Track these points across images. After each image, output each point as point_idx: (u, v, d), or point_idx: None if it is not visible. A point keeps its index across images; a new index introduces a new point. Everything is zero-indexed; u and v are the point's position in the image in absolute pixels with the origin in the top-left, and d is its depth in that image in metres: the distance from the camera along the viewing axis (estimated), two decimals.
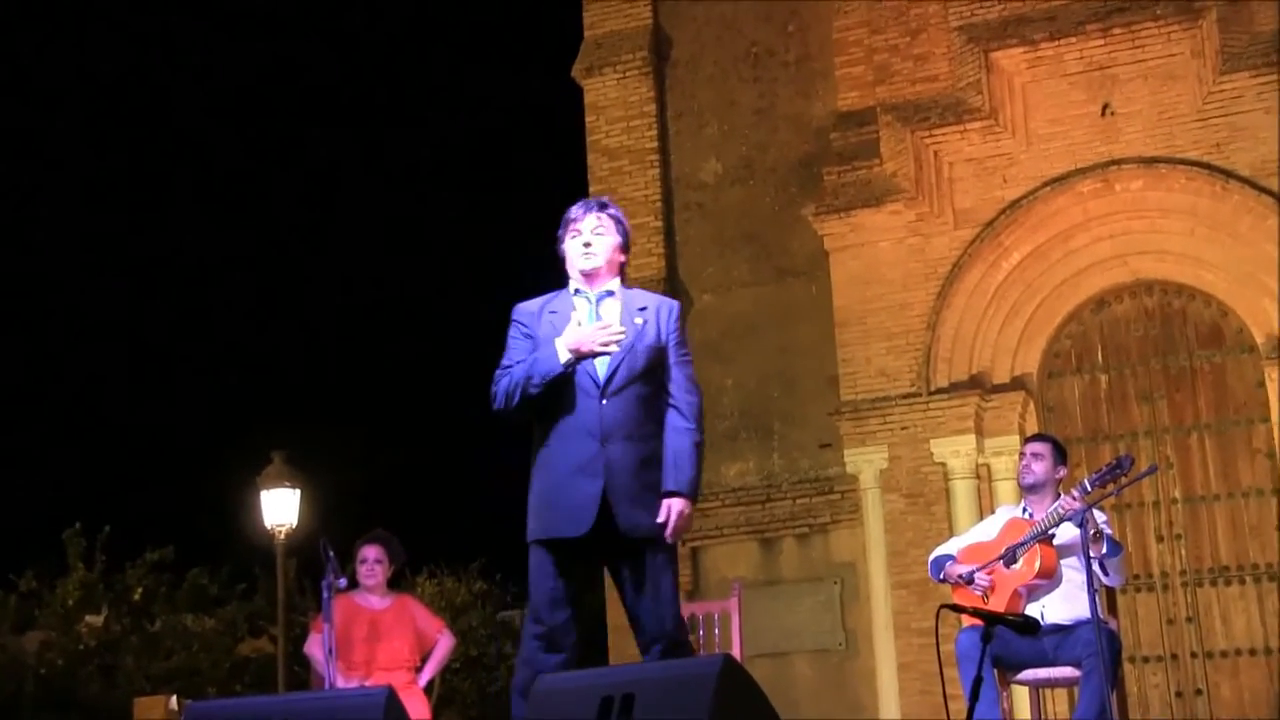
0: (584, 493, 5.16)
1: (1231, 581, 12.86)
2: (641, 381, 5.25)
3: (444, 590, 25.04)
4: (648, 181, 15.02)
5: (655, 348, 5.31)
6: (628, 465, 5.17)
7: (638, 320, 5.32)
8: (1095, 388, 13.45)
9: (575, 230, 5.43)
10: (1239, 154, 12.57)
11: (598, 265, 5.41)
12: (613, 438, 5.17)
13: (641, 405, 5.24)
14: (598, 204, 5.53)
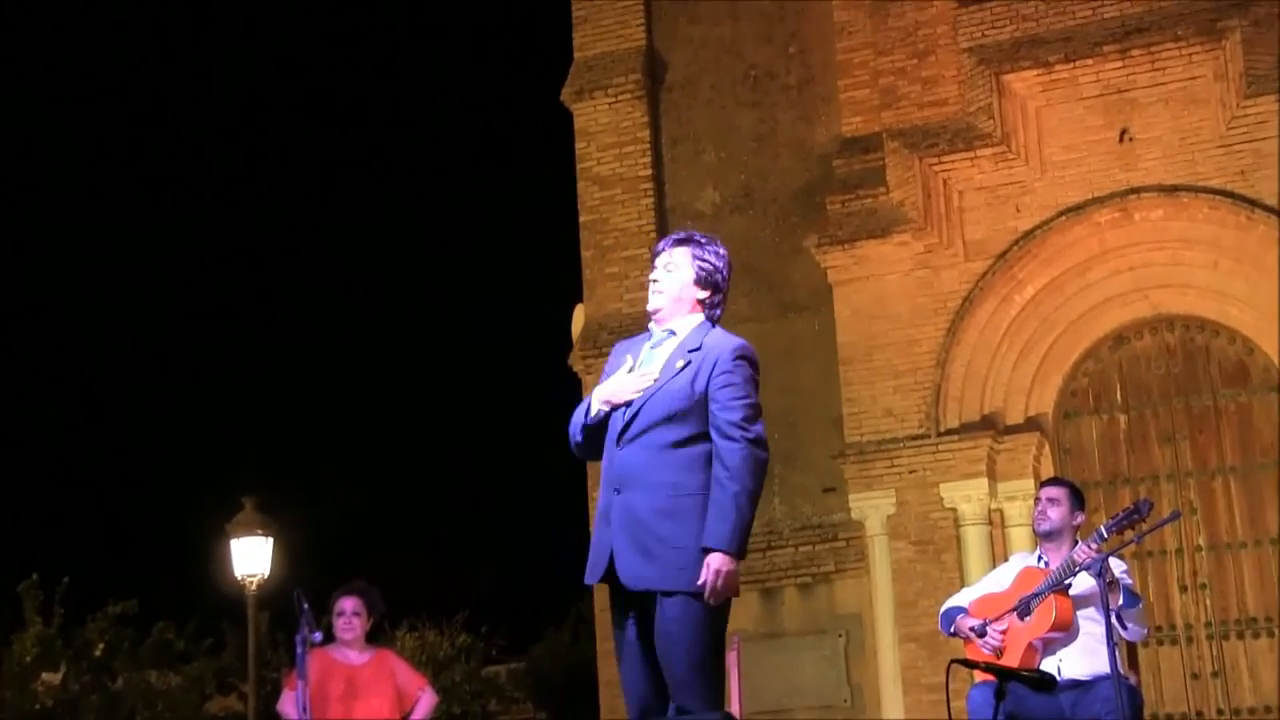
0: (601, 542, 5.25)
1: (1260, 634, 12.87)
2: (663, 428, 5.19)
3: (426, 644, 24.96)
4: (641, 211, 15.07)
5: (685, 394, 5.21)
6: (636, 515, 5.14)
7: (679, 364, 5.26)
8: (1114, 429, 13.49)
9: (653, 268, 5.48)
10: (1265, 182, 12.64)
11: (660, 304, 5.40)
12: (626, 486, 5.18)
13: (661, 453, 5.17)
14: (677, 239, 5.49)
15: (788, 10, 15.09)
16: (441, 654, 24.98)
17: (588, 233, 15.23)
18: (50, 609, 22.90)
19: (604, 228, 15.16)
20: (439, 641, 25.23)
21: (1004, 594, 7.45)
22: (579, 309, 15.33)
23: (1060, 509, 7.48)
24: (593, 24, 15.58)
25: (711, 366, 5.24)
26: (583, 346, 14.93)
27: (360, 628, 8.91)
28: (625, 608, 5.25)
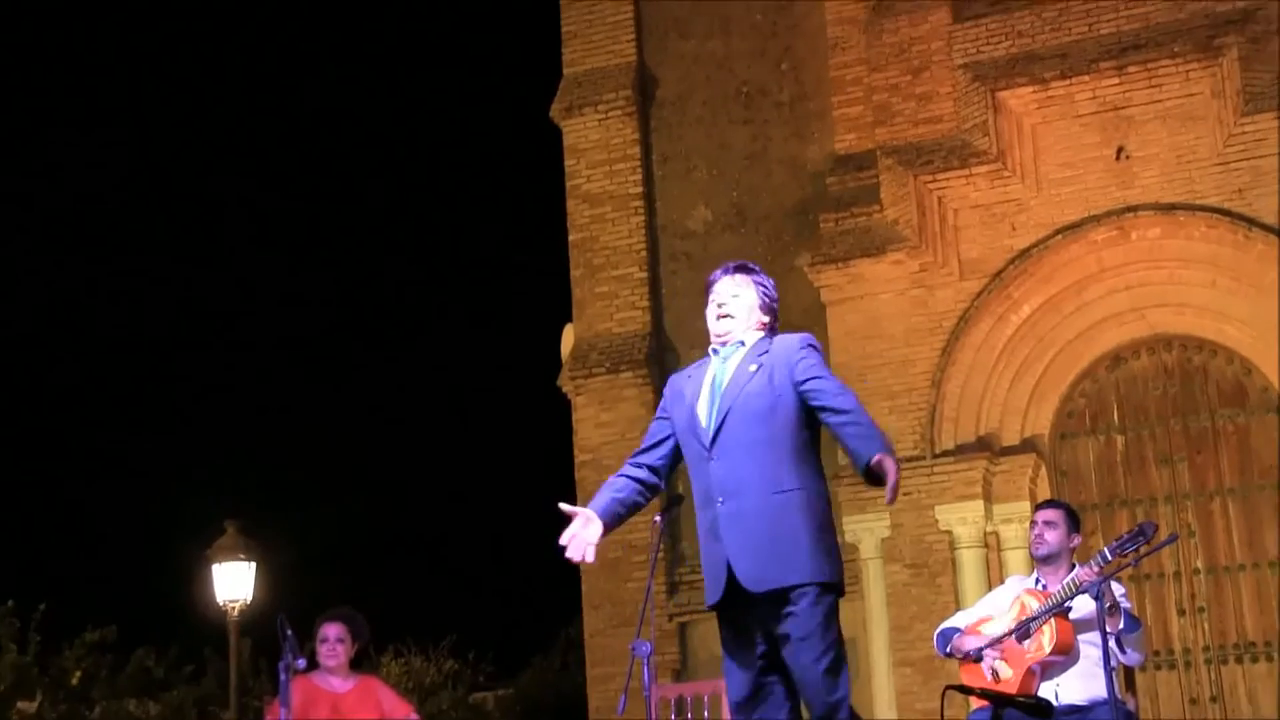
0: (715, 557, 5.44)
1: (1259, 658, 12.91)
2: (751, 431, 5.42)
3: (412, 670, 24.91)
4: (631, 229, 15.10)
5: (766, 392, 5.46)
6: (745, 520, 5.34)
7: (750, 368, 5.52)
8: (1111, 450, 13.53)
9: (713, 294, 5.74)
10: (1263, 200, 12.70)
11: (730, 329, 5.67)
12: (728, 496, 5.39)
13: (758, 456, 5.40)
14: (735, 267, 5.81)
15: (780, 26, 15.15)
16: (428, 681, 24.92)
17: (577, 251, 15.26)
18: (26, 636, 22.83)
19: (594, 246, 15.19)
20: (425, 668, 25.18)
21: (1002, 617, 7.48)
22: (568, 329, 15.36)
23: (1057, 532, 7.52)
24: (582, 39, 15.63)
25: (786, 359, 5.50)
26: (572, 367, 14.95)
27: (344, 654, 8.91)
28: (740, 624, 5.43)
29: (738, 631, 5.45)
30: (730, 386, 5.51)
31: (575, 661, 20.03)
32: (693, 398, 5.62)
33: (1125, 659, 7.21)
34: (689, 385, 5.68)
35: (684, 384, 5.72)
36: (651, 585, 8.13)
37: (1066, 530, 7.54)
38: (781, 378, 5.47)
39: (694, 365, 5.81)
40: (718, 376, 5.60)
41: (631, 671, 7.56)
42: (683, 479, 15.28)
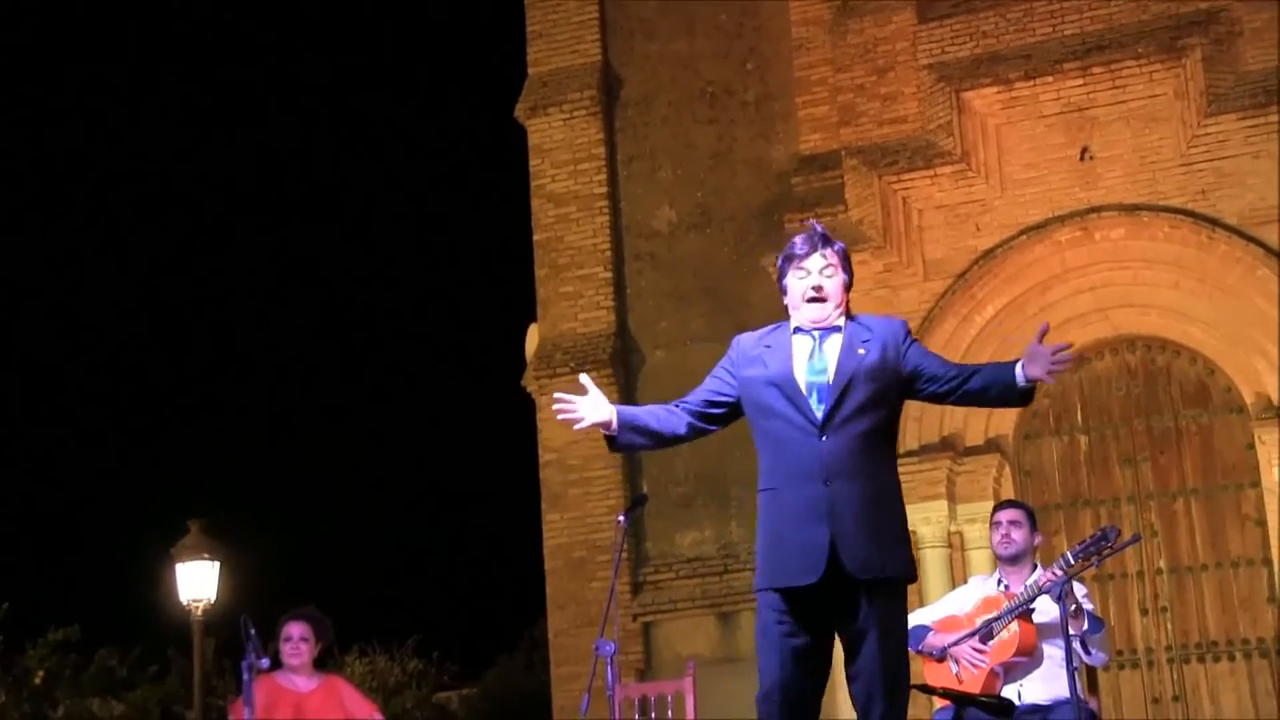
0: (813, 538, 5.15)
1: (1220, 658, 12.96)
2: (866, 415, 5.25)
3: (376, 670, 24.88)
4: (596, 229, 15.09)
5: (880, 376, 5.29)
6: (855, 506, 5.17)
7: (860, 351, 5.31)
8: (1075, 450, 13.57)
9: (802, 269, 5.43)
10: (1226, 201, 12.75)
11: (827, 315, 5.39)
12: (836, 477, 5.17)
13: (866, 440, 5.25)
14: (822, 238, 5.48)
15: (745, 26, 15.15)
16: (392, 680, 24.90)
17: (542, 251, 15.24)
18: None
19: (558, 246, 15.17)
20: (390, 667, 25.15)
21: (965, 617, 7.49)
22: (533, 329, 15.33)
23: (1022, 531, 7.56)
24: (547, 39, 15.61)
25: (895, 344, 5.35)
26: (536, 367, 14.92)
27: (308, 653, 8.88)
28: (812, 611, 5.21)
29: (807, 619, 5.21)
30: (845, 363, 5.27)
31: (540, 661, 20.03)
32: (782, 368, 5.33)
33: (1090, 660, 7.23)
34: (771, 356, 5.38)
35: (761, 352, 5.43)
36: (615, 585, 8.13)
37: (1029, 529, 7.58)
38: (891, 358, 5.32)
39: (767, 332, 5.54)
40: (822, 351, 5.34)
41: (595, 671, 7.57)
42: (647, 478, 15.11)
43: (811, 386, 5.26)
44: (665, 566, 14.32)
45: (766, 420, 5.32)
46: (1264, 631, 12.87)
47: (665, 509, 14.40)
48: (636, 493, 14.11)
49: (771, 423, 5.30)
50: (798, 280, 5.42)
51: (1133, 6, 13.27)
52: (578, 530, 14.52)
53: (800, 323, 5.41)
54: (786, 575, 5.19)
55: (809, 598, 5.16)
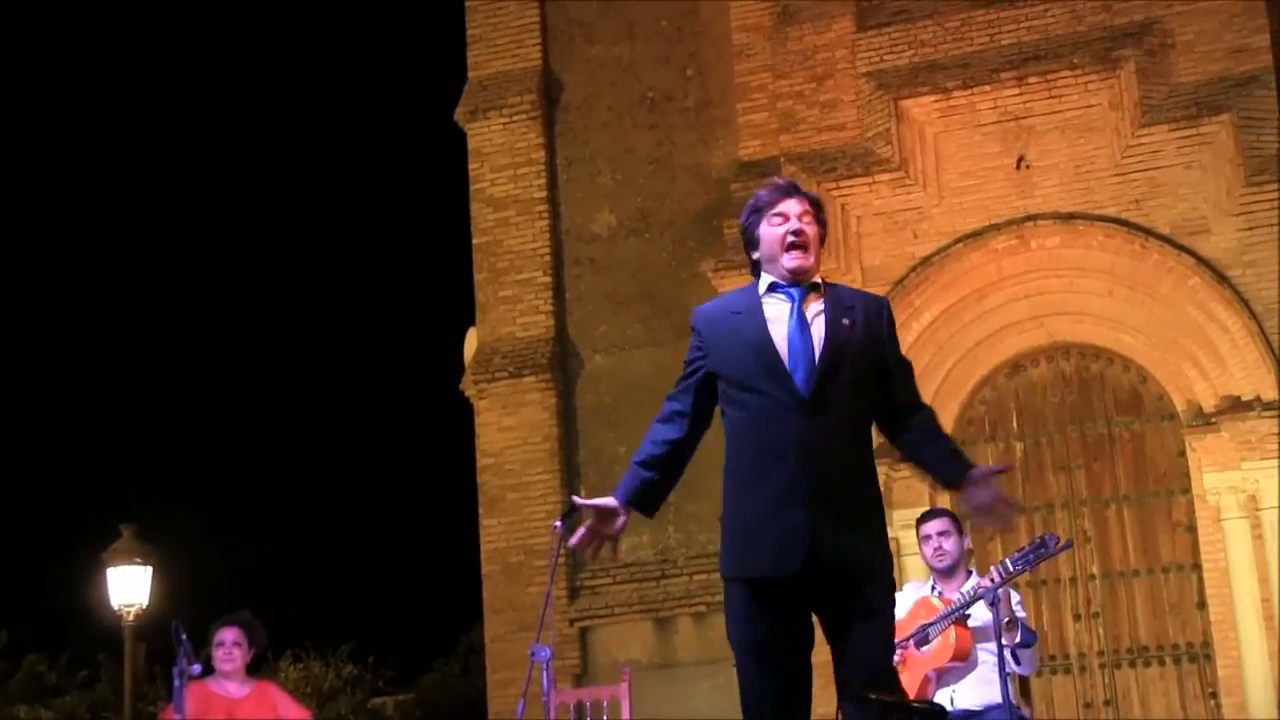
0: (789, 524, 4.71)
1: (1151, 662, 13.10)
2: (853, 393, 4.81)
3: (310, 675, 24.74)
4: (536, 234, 15.09)
5: (865, 353, 4.85)
6: (837, 490, 4.74)
7: (844, 321, 4.84)
8: (1010, 457, 13.66)
9: (779, 216, 4.91)
10: (1159, 211, 12.89)
11: (809, 263, 4.90)
12: (817, 459, 4.72)
13: (850, 420, 4.81)
14: (797, 187, 5.02)
15: (686, 32, 15.19)
16: (327, 685, 24.77)
17: (481, 255, 15.22)
18: None
19: (497, 250, 15.16)
20: (324, 673, 25.01)
21: (901, 622, 7.53)
22: (471, 332, 15.31)
23: (953, 539, 7.59)
24: (487, 43, 15.59)
25: (880, 322, 4.95)
26: (475, 371, 14.91)
27: (240, 659, 8.84)
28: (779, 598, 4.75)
29: (783, 609, 4.76)
30: (834, 334, 4.80)
31: (476, 666, 19.99)
32: (759, 339, 4.82)
33: (1019, 669, 7.30)
34: (744, 323, 4.87)
35: (731, 321, 4.91)
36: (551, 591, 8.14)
37: (959, 535, 7.62)
38: (877, 340, 4.88)
39: (731, 297, 5.10)
40: (802, 315, 4.84)
41: (530, 677, 7.57)
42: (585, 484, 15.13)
43: (795, 357, 4.79)
44: (602, 572, 14.33)
45: (740, 394, 4.85)
46: (1193, 636, 13.01)
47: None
48: (573, 498, 14.10)
49: (746, 396, 4.83)
50: (773, 228, 4.90)
51: (1069, 18, 13.39)
52: (515, 535, 14.50)
53: (777, 275, 4.90)
54: (760, 565, 4.77)
55: (785, 588, 4.73)
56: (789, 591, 4.74)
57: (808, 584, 4.72)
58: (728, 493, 4.93)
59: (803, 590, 4.73)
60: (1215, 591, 12.75)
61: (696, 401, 5.01)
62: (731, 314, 4.94)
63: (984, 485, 4.86)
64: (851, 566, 4.73)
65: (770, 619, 4.76)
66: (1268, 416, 12.41)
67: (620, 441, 14.48)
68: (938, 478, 4.98)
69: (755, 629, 4.79)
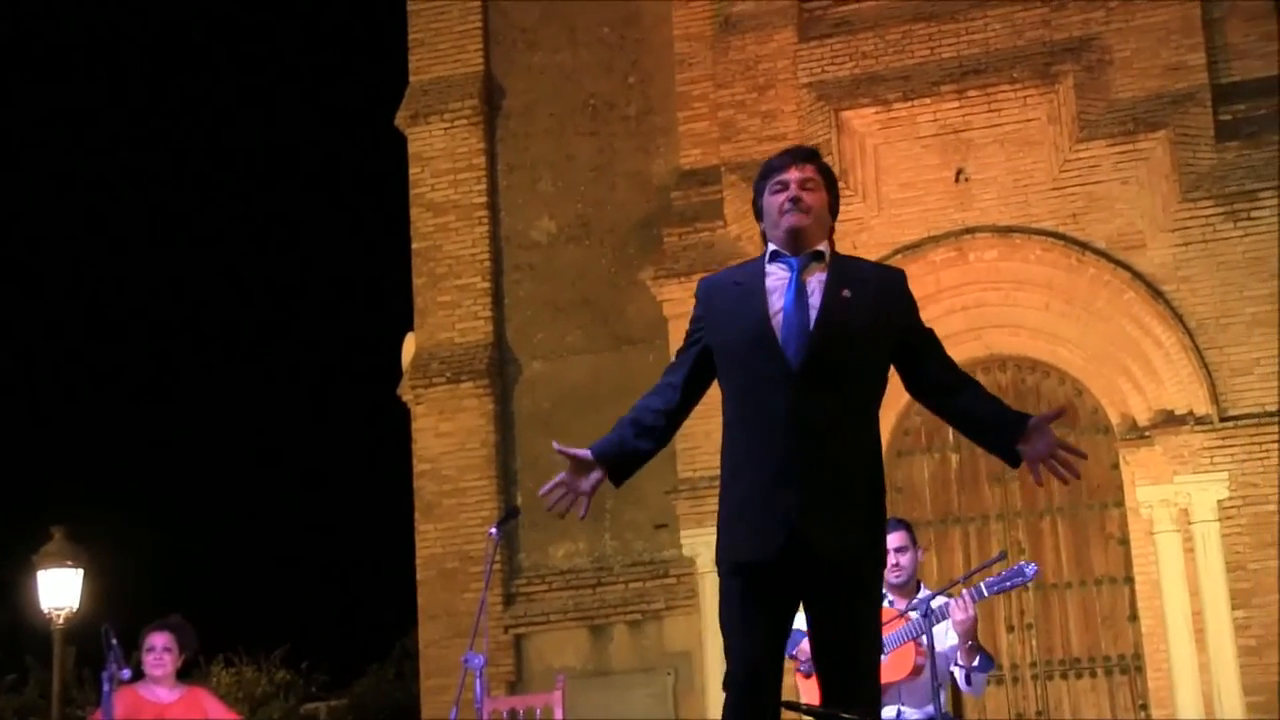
0: (774, 507, 4.49)
1: (1083, 674, 13.17)
2: (849, 368, 4.57)
3: (242, 680, 24.55)
4: (475, 239, 15.03)
5: (869, 325, 4.62)
6: (825, 473, 4.50)
7: (845, 293, 4.62)
8: (946, 468, 13.72)
9: (779, 183, 4.76)
10: (1096, 225, 12.98)
11: (806, 224, 4.70)
12: (808, 438, 4.49)
13: (848, 397, 4.57)
14: (807, 153, 4.87)
15: (628, 40, 15.18)
16: (259, 691, 24.58)
17: (420, 260, 15.15)
18: None
19: (437, 255, 15.09)
20: (257, 678, 24.83)
21: None
22: (409, 337, 15.24)
23: (908, 555, 7.50)
24: (429, 47, 15.53)
25: (895, 296, 4.77)
26: (413, 376, 14.83)
27: (171, 664, 8.76)
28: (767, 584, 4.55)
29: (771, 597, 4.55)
30: (828, 308, 4.59)
31: (410, 672, 19.89)
32: (756, 309, 4.62)
33: (968, 690, 7.30)
34: (742, 294, 4.68)
35: (732, 291, 4.72)
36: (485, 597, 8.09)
37: (914, 549, 7.56)
38: (886, 315, 4.66)
39: (738, 267, 4.91)
40: (802, 285, 4.64)
41: (464, 683, 7.53)
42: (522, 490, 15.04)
43: (789, 330, 4.57)
44: (538, 579, 14.28)
45: (733, 368, 4.65)
46: (1125, 648, 13.10)
47: (539, 521, 14.34)
48: (510, 505, 14.07)
49: (739, 372, 4.64)
50: (773, 195, 4.76)
51: (1009, 32, 13.47)
52: (451, 541, 14.44)
53: (778, 243, 4.74)
54: (742, 549, 4.56)
55: (771, 574, 4.51)
56: (776, 579, 4.52)
57: (794, 573, 4.51)
58: (722, 472, 4.71)
59: (789, 579, 4.52)
60: (1147, 604, 12.83)
61: (690, 374, 4.80)
62: (734, 284, 4.77)
63: (1040, 436, 4.67)
64: (837, 556, 4.49)
65: (756, 607, 4.56)
66: (1200, 431, 12.51)
67: None
68: (993, 449, 4.80)
69: (740, 616, 4.60)
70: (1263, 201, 12.63)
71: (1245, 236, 12.65)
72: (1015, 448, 4.71)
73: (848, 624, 4.53)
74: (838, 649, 4.56)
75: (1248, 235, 12.64)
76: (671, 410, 4.80)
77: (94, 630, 8.55)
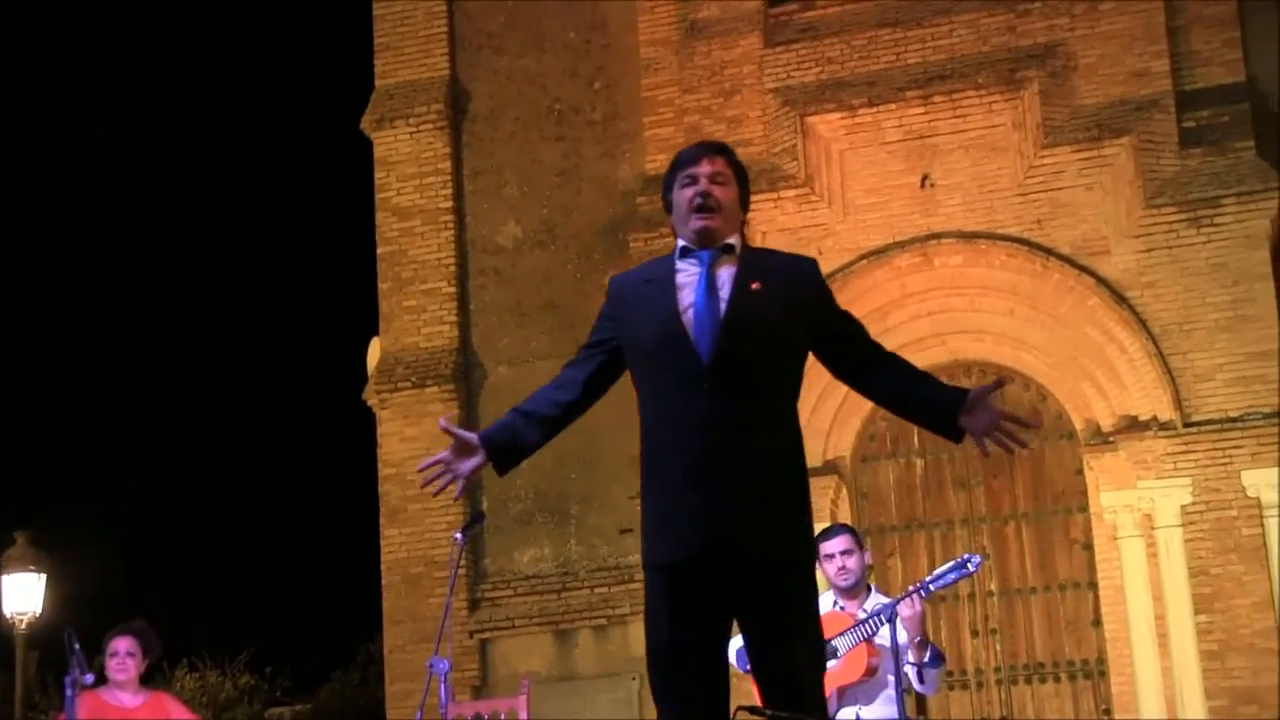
0: (692, 506, 4.39)
1: (1047, 679, 13.22)
2: (763, 362, 4.49)
3: (206, 685, 24.46)
4: (441, 244, 15.01)
5: (782, 317, 4.52)
6: (743, 470, 4.41)
7: (754, 285, 4.52)
8: (911, 473, 13.76)
9: (688, 176, 4.70)
10: (1060, 231, 13.03)
11: (715, 224, 4.63)
12: (723, 435, 4.40)
13: (762, 393, 4.49)
14: (717, 147, 4.79)
15: (594, 45, 15.18)
16: (223, 695, 24.49)
17: (385, 264, 15.12)
18: None
19: (402, 259, 15.07)
20: (221, 682, 24.74)
21: None
22: (375, 342, 15.21)
23: (855, 557, 7.53)
24: (395, 51, 15.50)
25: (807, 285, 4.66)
26: (378, 380, 14.80)
27: (134, 669, 8.73)
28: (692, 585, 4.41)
29: (697, 598, 4.42)
30: (738, 302, 4.50)
31: (375, 677, 19.86)
32: (667, 307, 4.56)
33: (921, 688, 7.31)
34: (653, 291, 4.63)
35: (642, 289, 4.68)
36: (451, 602, 8.08)
37: (860, 552, 7.59)
38: (797, 304, 4.56)
39: (648, 265, 4.84)
40: (712, 280, 4.56)
41: (429, 688, 7.52)
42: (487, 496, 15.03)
43: (700, 325, 4.49)
44: (503, 584, 14.26)
45: (646, 367, 4.58)
46: (1088, 653, 13.15)
47: (505, 526, 14.35)
48: (475, 510, 14.05)
49: (651, 370, 4.56)
50: (683, 189, 4.71)
51: (974, 38, 13.52)
52: (416, 546, 14.41)
53: (687, 239, 4.68)
54: (664, 550, 4.45)
55: (695, 578, 4.40)
56: (700, 582, 4.40)
57: (719, 575, 4.39)
58: (642, 474, 4.59)
59: (715, 582, 4.40)
60: (1110, 609, 12.89)
61: (596, 371, 4.75)
62: (645, 282, 4.72)
63: (982, 409, 4.57)
64: (762, 555, 4.39)
65: (682, 612, 4.41)
66: (1164, 436, 12.58)
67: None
68: (933, 426, 4.68)
69: (665, 621, 4.46)
70: (1225, 208, 12.71)
71: (1208, 243, 12.72)
72: (956, 423, 4.58)
73: (779, 626, 4.41)
74: (772, 654, 4.45)
75: (1211, 241, 12.71)
76: (570, 404, 4.75)
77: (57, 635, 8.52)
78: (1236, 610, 12.24)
